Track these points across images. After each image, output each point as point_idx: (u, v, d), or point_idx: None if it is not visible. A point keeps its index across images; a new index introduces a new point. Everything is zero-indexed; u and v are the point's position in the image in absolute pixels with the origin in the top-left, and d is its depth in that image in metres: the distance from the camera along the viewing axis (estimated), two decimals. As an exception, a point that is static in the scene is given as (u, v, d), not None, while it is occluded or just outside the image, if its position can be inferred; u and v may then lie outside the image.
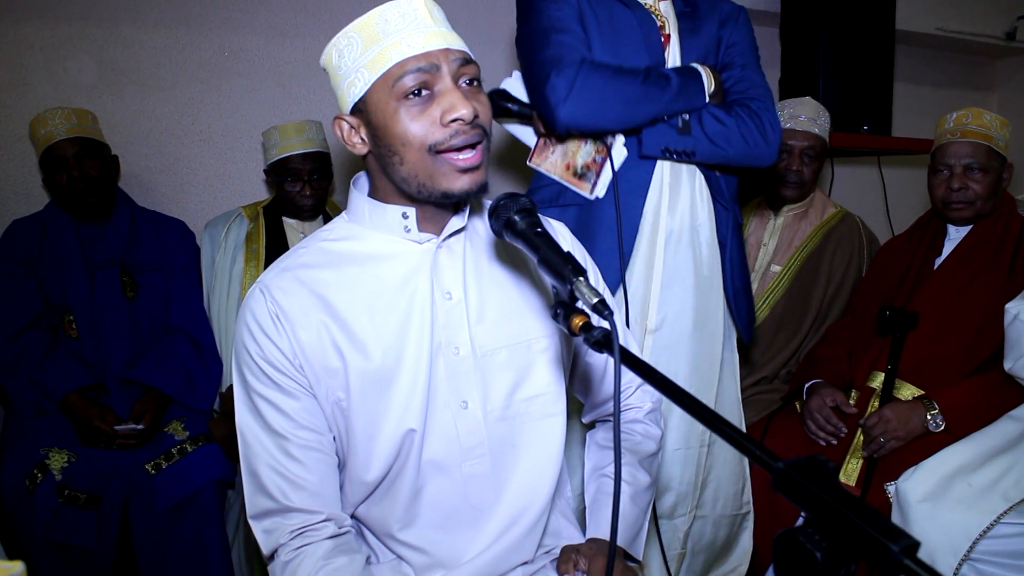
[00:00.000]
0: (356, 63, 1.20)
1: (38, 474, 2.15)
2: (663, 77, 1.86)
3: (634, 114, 1.85)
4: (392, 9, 1.19)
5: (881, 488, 2.05)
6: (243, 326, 1.27)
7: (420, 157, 1.19)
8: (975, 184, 2.26)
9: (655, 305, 1.93)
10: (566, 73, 1.81)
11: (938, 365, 2.19)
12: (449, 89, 1.18)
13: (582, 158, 1.95)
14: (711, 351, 2.01)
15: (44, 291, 2.44)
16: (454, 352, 1.29)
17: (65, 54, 2.72)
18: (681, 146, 1.90)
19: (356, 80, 1.20)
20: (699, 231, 1.97)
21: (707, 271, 1.98)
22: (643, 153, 1.90)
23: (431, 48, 1.18)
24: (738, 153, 1.92)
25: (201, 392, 2.52)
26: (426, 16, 1.20)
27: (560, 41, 1.87)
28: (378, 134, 1.21)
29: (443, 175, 1.20)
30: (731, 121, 1.90)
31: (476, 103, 1.20)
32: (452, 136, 1.18)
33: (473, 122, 1.18)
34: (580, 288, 0.99)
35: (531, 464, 1.35)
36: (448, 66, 1.19)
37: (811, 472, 0.71)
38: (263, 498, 1.26)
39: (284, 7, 2.98)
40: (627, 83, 1.83)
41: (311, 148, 2.62)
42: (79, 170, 2.42)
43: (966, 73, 4.40)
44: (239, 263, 2.62)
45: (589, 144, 1.95)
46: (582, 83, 1.81)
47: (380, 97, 1.19)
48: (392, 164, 1.21)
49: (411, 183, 1.21)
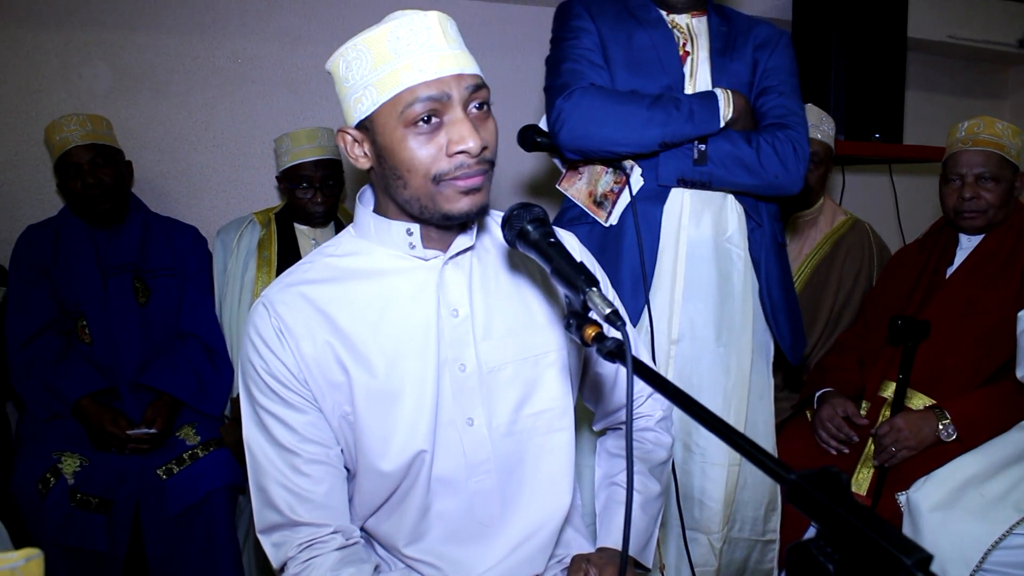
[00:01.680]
0: (364, 80, 1.17)
1: (51, 478, 2.17)
2: (673, 101, 1.85)
3: (639, 137, 1.85)
4: (405, 27, 1.16)
5: (892, 498, 2.04)
6: (248, 341, 1.27)
7: (423, 184, 1.17)
8: (987, 193, 2.26)
9: (678, 315, 1.92)
10: (570, 98, 1.84)
11: (950, 375, 2.18)
12: (459, 119, 1.16)
13: (602, 187, 1.97)
14: (738, 368, 1.97)
15: (58, 296, 2.45)
16: (460, 369, 1.28)
17: (80, 60, 2.75)
18: (696, 176, 1.89)
19: (363, 98, 1.18)
20: (728, 245, 1.96)
21: (736, 286, 1.96)
22: (660, 183, 1.91)
23: (444, 74, 1.15)
24: (757, 182, 1.90)
25: (212, 397, 2.53)
26: (439, 37, 1.17)
27: (569, 70, 1.90)
28: (384, 155, 1.19)
29: (445, 198, 1.18)
30: (748, 149, 1.87)
31: (484, 131, 1.18)
32: (456, 168, 1.16)
33: (479, 156, 1.17)
34: (593, 298, 0.99)
35: (542, 480, 1.35)
36: (459, 93, 1.16)
37: (824, 484, 0.71)
38: (271, 512, 1.26)
39: (297, 14, 3.00)
40: (632, 106, 1.84)
41: (323, 155, 2.63)
42: (93, 177, 2.44)
43: (978, 81, 4.38)
44: (251, 269, 2.63)
45: (609, 175, 1.96)
46: (582, 105, 1.83)
47: (387, 120, 1.17)
48: (396, 187, 1.20)
49: (413, 205, 1.21)
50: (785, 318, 2.05)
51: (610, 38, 1.94)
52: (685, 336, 1.93)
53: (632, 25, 1.96)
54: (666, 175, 1.90)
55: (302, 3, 3.01)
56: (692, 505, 1.97)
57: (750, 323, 1.98)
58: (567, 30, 1.97)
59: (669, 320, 1.93)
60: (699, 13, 2.01)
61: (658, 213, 1.92)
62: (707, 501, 1.97)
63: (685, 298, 1.92)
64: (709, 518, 1.98)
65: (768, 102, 1.96)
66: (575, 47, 1.94)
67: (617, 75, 1.93)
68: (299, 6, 3.00)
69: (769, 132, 1.90)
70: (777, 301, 2.02)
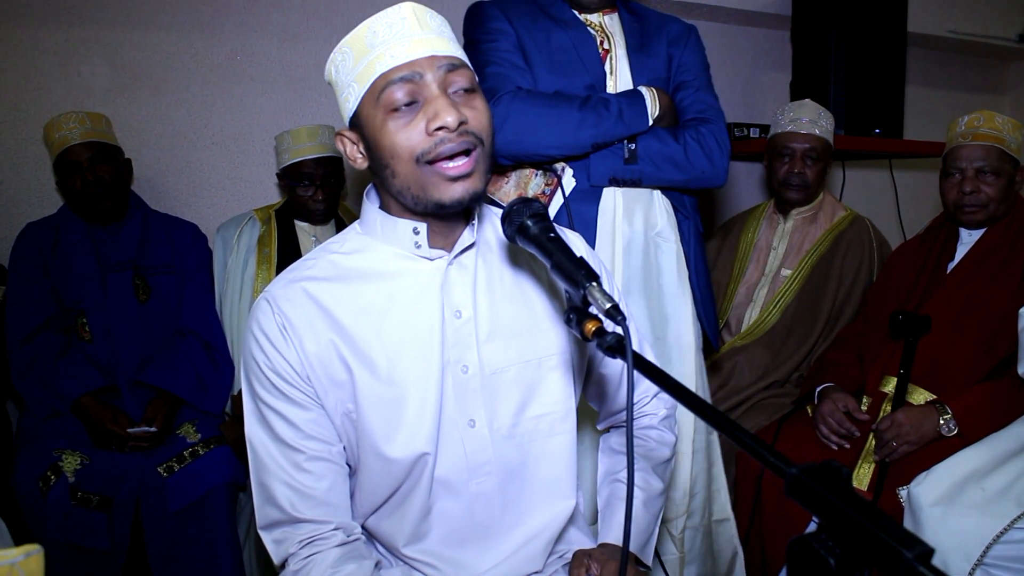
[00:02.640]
0: (348, 77, 1.19)
1: (51, 476, 2.17)
2: (603, 102, 1.87)
3: (573, 139, 1.87)
4: (380, 21, 1.18)
5: (893, 492, 2.04)
6: (250, 337, 1.26)
7: (410, 169, 1.17)
8: (987, 187, 2.26)
9: None
10: (499, 103, 1.84)
11: (951, 369, 2.18)
12: (435, 97, 1.15)
13: (532, 190, 1.97)
14: (680, 356, 2.01)
15: (58, 294, 2.45)
16: (462, 371, 1.28)
17: (79, 58, 2.74)
18: (628, 175, 1.93)
19: (349, 95, 1.20)
20: (659, 240, 1.99)
21: (667, 279, 1.99)
22: (592, 183, 1.93)
23: (415, 56, 1.15)
24: (685, 177, 1.95)
25: (213, 395, 2.53)
26: (413, 24, 1.18)
27: (494, 73, 1.91)
28: (371, 147, 1.20)
29: (434, 185, 1.17)
30: (676, 146, 1.91)
31: (467, 109, 1.17)
32: (438, 144, 1.14)
33: (459, 129, 1.15)
34: (593, 293, 0.99)
35: (543, 483, 1.35)
36: (433, 74, 1.16)
37: (825, 478, 0.71)
38: (272, 509, 1.26)
39: (296, 11, 3.00)
40: (563, 109, 1.85)
41: (324, 153, 2.63)
42: (93, 174, 2.44)
43: (978, 76, 4.39)
44: (251, 266, 2.63)
45: (539, 176, 1.97)
46: (513, 110, 1.84)
47: (369, 111, 1.18)
48: (386, 178, 1.20)
49: (406, 196, 1.20)
50: (709, 305, 2.11)
51: (528, 39, 1.95)
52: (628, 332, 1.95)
53: (549, 25, 1.97)
54: (598, 175, 1.92)
55: (301, 1, 3.00)
56: None
57: (688, 314, 2.03)
58: (484, 32, 1.97)
59: None
60: (610, 11, 2.05)
61: (592, 212, 1.94)
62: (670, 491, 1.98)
63: (624, 294, 1.94)
64: (669, 508, 1.99)
65: (687, 98, 2.01)
66: (495, 50, 1.94)
67: (539, 76, 1.93)
68: (298, 3, 3.00)
69: (692, 128, 1.95)
70: (704, 289, 2.09)
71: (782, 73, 3.57)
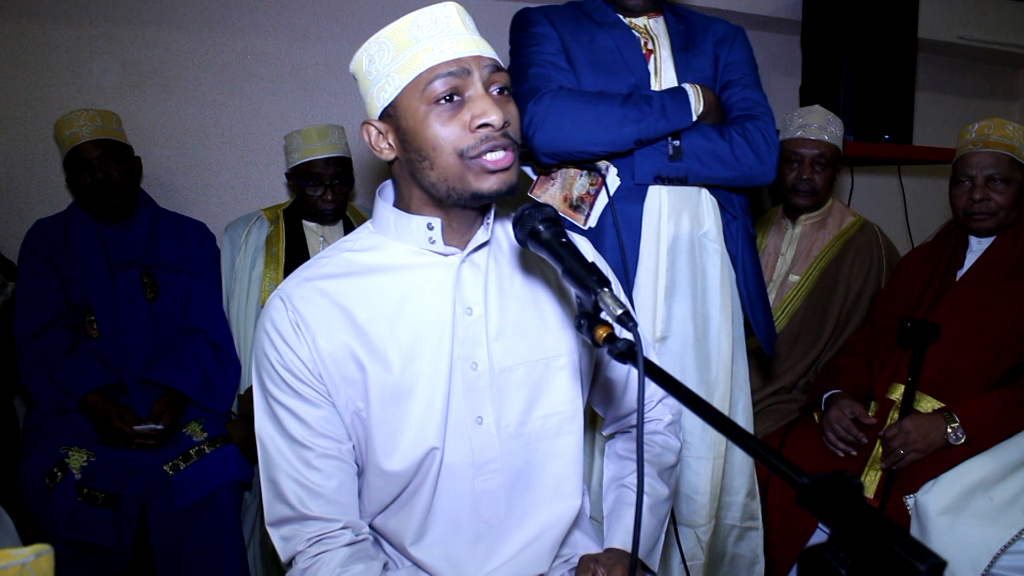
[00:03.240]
0: (387, 68, 1.21)
1: (58, 472, 2.17)
2: (644, 98, 1.87)
3: (615, 136, 1.85)
4: (425, 15, 1.20)
5: (900, 501, 2.03)
6: (263, 334, 1.27)
7: (451, 162, 1.19)
8: (997, 195, 2.25)
9: (661, 313, 1.93)
10: (540, 101, 1.85)
11: (959, 377, 2.17)
12: (480, 95, 1.19)
13: (577, 190, 1.97)
14: (720, 362, 1.99)
15: (66, 291, 2.46)
16: (472, 367, 1.29)
17: (89, 56, 2.75)
18: (672, 172, 1.90)
19: (386, 85, 1.21)
20: (704, 241, 1.97)
21: (710, 281, 1.97)
22: (637, 181, 1.91)
23: (462, 54, 1.19)
24: (732, 174, 1.92)
25: (219, 393, 2.53)
26: (458, 23, 1.22)
27: (536, 74, 1.91)
28: (407, 138, 1.21)
29: (474, 175, 1.19)
30: (722, 142, 1.89)
31: (506, 110, 1.20)
32: (481, 142, 1.18)
33: (502, 129, 1.19)
34: (604, 299, 0.99)
35: (549, 483, 1.35)
36: (479, 72, 1.19)
37: (837, 488, 0.71)
38: (281, 506, 1.26)
39: (306, 10, 3.01)
40: (604, 105, 1.85)
41: (333, 153, 2.63)
42: (103, 172, 2.45)
43: (989, 82, 4.37)
44: (259, 266, 2.63)
45: (584, 177, 1.97)
46: (554, 108, 1.84)
47: (410, 102, 1.19)
48: (421, 169, 1.21)
49: (440, 187, 1.21)
50: (760, 309, 2.08)
51: (572, 42, 1.95)
52: (668, 333, 1.95)
53: (592, 28, 1.97)
54: (643, 173, 1.91)
55: (311, 0, 3.01)
56: (678, 500, 1.98)
57: (729, 316, 2.00)
58: (528, 37, 1.98)
59: (653, 318, 1.94)
60: (655, 14, 2.04)
61: (638, 212, 1.93)
62: (692, 495, 1.98)
63: (667, 295, 1.93)
64: (695, 511, 1.98)
65: (734, 95, 1.99)
66: (538, 52, 1.94)
67: (583, 77, 1.93)
68: (308, 3, 3.00)
69: (739, 124, 1.92)
70: (753, 293, 2.05)
71: (792, 78, 3.56)
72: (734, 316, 2.03)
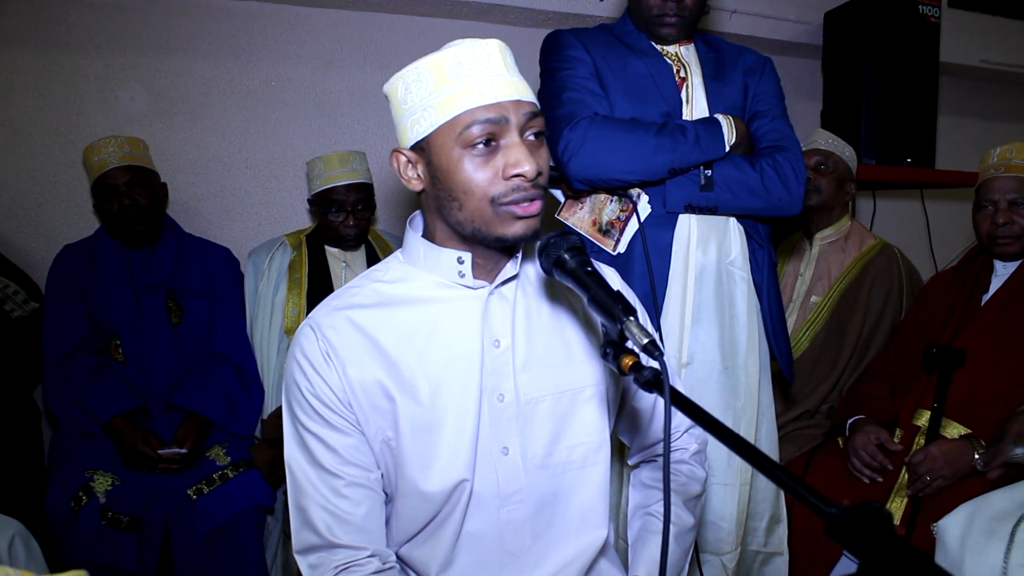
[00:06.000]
0: (424, 102, 1.19)
1: (83, 496, 2.19)
2: (679, 128, 1.88)
3: (649, 164, 1.87)
4: (467, 52, 1.19)
5: (926, 528, 2.00)
6: (293, 362, 1.28)
7: (481, 207, 1.19)
8: (1021, 219, 2.24)
9: (687, 339, 1.94)
10: (576, 128, 1.86)
11: (986, 403, 2.15)
12: (516, 143, 1.18)
13: (607, 215, 1.97)
14: (747, 388, 1.99)
15: (93, 315, 2.49)
16: (499, 399, 1.29)
17: (118, 84, 2.80)
18: (703, 201, 1.92)
19: (421, 119, 1.20)
20: (732, 269, 1.98)
21: (738, 308, 1.98)
22: (668, 209, 1.93)
23: (502, 99, 1.18)
24: (762, 205, 1.94)
25: (242, 418, 2.55)
26: (500, 63, 1.20)
27: (571, 99, 1.92)
28: (439, 176, 1.21)
29: (501, 221, 1.19)
30: (753, 173, 1.91)
31: (538, 159, 1.20)
32: (513, 191, 1.18)
33: (534, 180, 1.19)
34: (630, 328, 0.99)
35: (575, 514, 1.34)
36: (516, 119, 1.18)
37: (866, 519, 0.71)
38: (309, 533, 1.27)
39: (330, 38, 3.04)
40: (639, 134, 1.86)
41: (355, 179, 2.65)
42: (130, 198, 2.48)
43: (1011, 106, 4.35)
44: (282, 291, 2.65)
45: (615, 203, 1.97)
46: (590, 135, 1.85)
47: (445, 141, 1.19)
48: (450, 208, 1.22)
49: (466, 227, 1.22)
50: (782, 337, 2.09)
51: (605, 67, 1.97)
52: (694, 359, 1.95)
53: (625, 54, 1.99)
54: (674, 202, 1.92)
55: (335, 28, 3.05)
56: (704, 527, 1.97)
57: (756, 344, 2.01)
58: (562, 60, 1.99)
59: (679, 344, 1.94)
60: (687, 42, 2.06)
61: (667, 239, 1.94)
62: (718, 522, 1.97)
63: (693, 322, 1.94)
64: (721, 539, 1.97)
65: (763, 126, 2.01)
66: (572, 76, 1.95)
67: (616, 103, 1.95)
68: (332, 31, 3.04)
69: (768, 155, 1.94)
70: (776, 321, 2.06)
71: (813, 102, 3.56)
72: (760, 343, 2.03)
